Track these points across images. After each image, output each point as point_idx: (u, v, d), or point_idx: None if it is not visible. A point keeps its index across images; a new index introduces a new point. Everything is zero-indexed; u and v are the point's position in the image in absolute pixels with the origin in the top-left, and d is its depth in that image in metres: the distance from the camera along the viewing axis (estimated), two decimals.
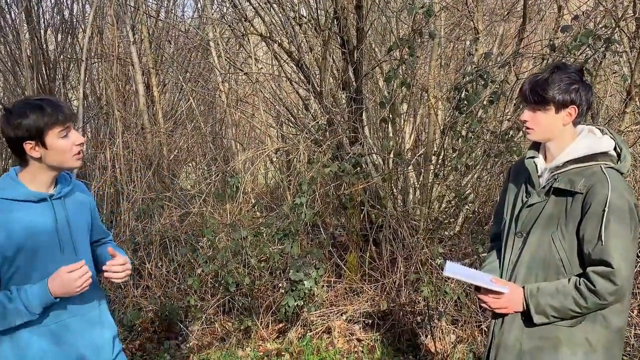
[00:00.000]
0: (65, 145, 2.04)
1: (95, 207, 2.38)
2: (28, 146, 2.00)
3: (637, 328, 4.09)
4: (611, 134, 2.17)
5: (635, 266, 4.64)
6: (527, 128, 2.16)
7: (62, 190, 2.16)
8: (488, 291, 2.21)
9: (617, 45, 4.60)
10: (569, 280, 2.07)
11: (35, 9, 7.26)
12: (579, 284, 2.04)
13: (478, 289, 2.28)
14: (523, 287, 2.16)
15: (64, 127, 2.02)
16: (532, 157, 2.23)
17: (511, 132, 4.49)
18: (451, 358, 4.14)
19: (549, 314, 2.09)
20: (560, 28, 4.48)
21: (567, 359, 2.11)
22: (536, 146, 2.27)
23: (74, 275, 2.02)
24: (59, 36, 7.66)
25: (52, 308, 2.08)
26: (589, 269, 2.03)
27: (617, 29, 4.40)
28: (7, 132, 2.00)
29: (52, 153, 2.03)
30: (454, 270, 2.28)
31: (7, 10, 7.41)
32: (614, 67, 5.47)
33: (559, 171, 2.12)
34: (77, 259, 2.12)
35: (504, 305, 2.19)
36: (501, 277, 2.30)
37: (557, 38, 4.82)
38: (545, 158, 2.23)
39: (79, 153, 2.09)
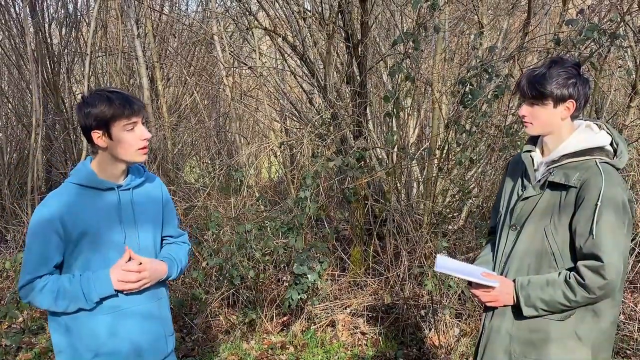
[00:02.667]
0: (130, 138, 2.07)
1: (169, 203, 2.39)
2: (95, 135, 2.06)
3: None
4: (608, 129, 2.18)
5: (638, 261, 4.67)
6: (526, 122, 2.18)
7: (131, 182, 2.19)
8: (479, 285, 2.22)
9: (622, 40, 4.60)
10: (560, 273, 2.08)
11: (40, 2, 7.27)
12: (569, 278, 2.04)
13: (470, 282, 2.30)
14: (514, 280, 2.17)
15: (129, 121, 2.05)
16: (529, 151, 2.25)
17: (515, 126, 4.50)
18: (455, 351, 4.15)
19: (538, 307, 2.10)
20: (565, 22, 4.47)
21: (556, 352, 2.12)
22: (533, 140, 2.28)
23: (124, 274, 2.08)
24: (64, 30, 7.68)
25: (110, 297, 2.11)
26: (580, 263, 2.04)
27: (622, 23, 4.40)
28: (79, 120, 2.08)
29: (117, 145, 2.07)
30: (445, 265, 2.29)
31: (11, 4, 7.42)
32: (619, 61, 5.47)
33: (554, 165, 2.13)
34: (138, 250, 2.16)
35: (494, 298, 2.20)
36: (494, 269, 2.31)
37: (562, 32, 4.81)
38: (542, 152, 2.24)
39: (143, 148, 2.11)
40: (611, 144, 2.14)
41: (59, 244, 2.06)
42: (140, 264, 2.13)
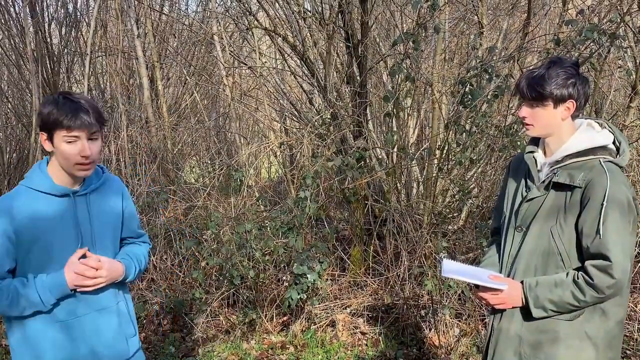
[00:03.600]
0: (67, 150, 1.97)
1: (129, 205, 2.31)
2: (43, 137, 1.99)
3: None
4: (610, 127, 2.18)
5: (637, 261, 4.67)
6: (527, 124, 2.17)
7: (88, 187, 2.11)
8: (487, 288, 2.22)
9: (622, 40, 4.60)
10: (567, 274, 2.08)
11: (40, 2, 7.26)
12: (577, 278, 2.05)
13: (477, 286, 2.28)
14: (522, 282, 2.17)
15: (69, 133, 1.94)
16: (531, 152, 2.25)
17: (515, 127, 4.50)
18: (455, 351, 4.16)
19: (547, 308, 2.10)
20: (564, 22, 4.47)
21: (566, 352, 2.13)
22: (535, 141, 2.28)
23: (82, 267, 2.02)
24: (63, 30, 7.68)
25: (66, 301, 2.06)
26: (587, 263, 2.04)
27: (622, 23, 4.40)
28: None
29: (57, 153, 1.99)
30: (451, 269, 2.28)
31: (11, 3, 7.41)
32: (619, 61, 5.47)
33: (558, 165, 2.13)
34: (94, 254, 2.09)
35: (502, 300, 2.20)
36: (500, 271, 2.31)
37: (562, 32, 4.81)
38: (544, 152, 2.24)
39: (82, 164, 1.99)
40: (613, 143, 2.15)
41: (9, 249, 1.98)
42: (99, 261, 2.06)
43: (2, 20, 7.37)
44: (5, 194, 2.07)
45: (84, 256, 2.06)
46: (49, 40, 7.45)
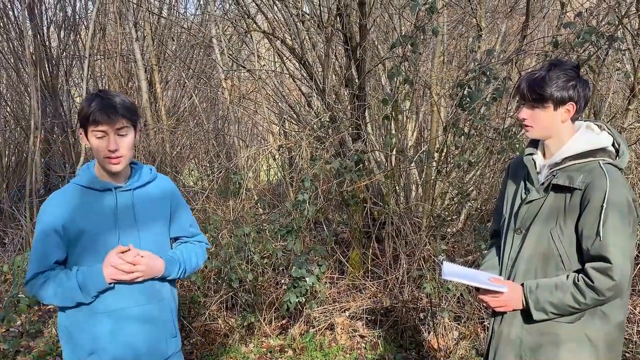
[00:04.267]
0: (97, 145, 2.05)
1: (180, 203, 2.37)
2: (82, 134, 2.09)
3: (639, 325, 4.10)
4: (609, 129, 2.18)
5: (637, 264, 4.67)
6: (526, 126, 2.17)
7: (133, 183, 2.19)
8: (487, 290, 2.21)
9: (620, 43, 4.60)
10: (568, 276, 2.08)
11: (38, 5, 7.27)
12: (577, 280, 2.04)
13: (478, 288, 2.28)
14: (522, 284, 2.17)
15: (96, 128, 2.02)
16: (531, 154, 2.25)
17: (514, 129, 4.50)
18: (454, 355, 4.15)
19: (548, 311, 2.10)
20: (563, 25, 4.48)
21: (567, 355, 2.12)
22: (534, 143, 2.28)
23: (118, 261, 2.07)
24: (62, 33, 7.69)
25: (106, 295, 2.12)
26: (587, 265, 2.04)
27: (620, 26, 4.40)
28: None
29: (92, 148, 2.08)
30: (452, 271, 2.27)
31: (10, 7, 7.42)
32: (617, 64, 5.47)
33: (557, 168, 2.13)
34: (140, 249, 2.15)
35: (503, 303, 2.20)
36: (500, 273, 2.30)
37: (560, 35, 4.81)
38: (544, 155, 2.24)
39: (110, 158, 2.06)
40: (612, 145, 2.15)
41: (58, 242, 2.09)
42: (142, 257, 2.11)
43: (1, 24, 7.38)
44: (56, 191, 2.19)
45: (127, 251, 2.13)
46: (47, 43, 7.46)
